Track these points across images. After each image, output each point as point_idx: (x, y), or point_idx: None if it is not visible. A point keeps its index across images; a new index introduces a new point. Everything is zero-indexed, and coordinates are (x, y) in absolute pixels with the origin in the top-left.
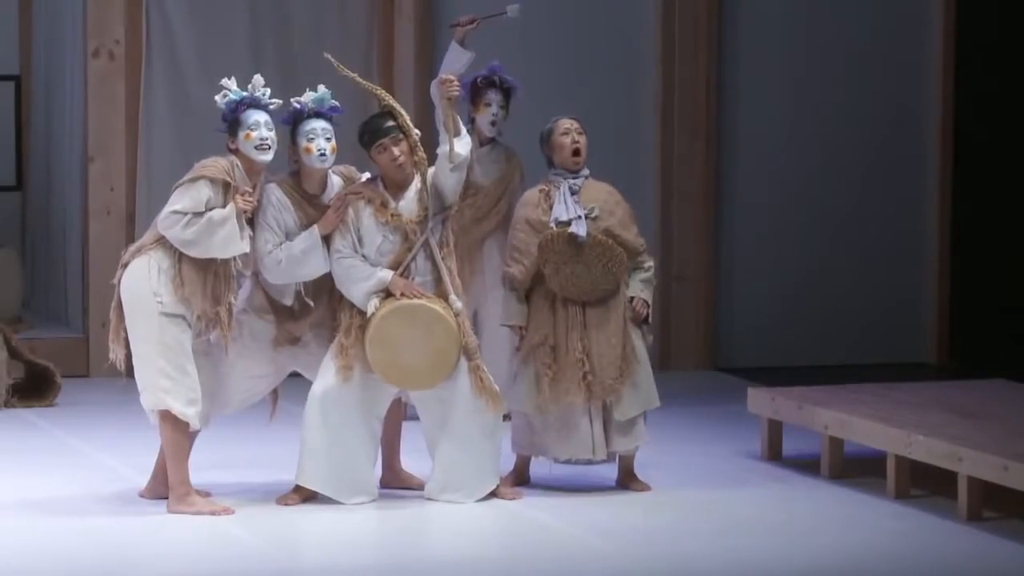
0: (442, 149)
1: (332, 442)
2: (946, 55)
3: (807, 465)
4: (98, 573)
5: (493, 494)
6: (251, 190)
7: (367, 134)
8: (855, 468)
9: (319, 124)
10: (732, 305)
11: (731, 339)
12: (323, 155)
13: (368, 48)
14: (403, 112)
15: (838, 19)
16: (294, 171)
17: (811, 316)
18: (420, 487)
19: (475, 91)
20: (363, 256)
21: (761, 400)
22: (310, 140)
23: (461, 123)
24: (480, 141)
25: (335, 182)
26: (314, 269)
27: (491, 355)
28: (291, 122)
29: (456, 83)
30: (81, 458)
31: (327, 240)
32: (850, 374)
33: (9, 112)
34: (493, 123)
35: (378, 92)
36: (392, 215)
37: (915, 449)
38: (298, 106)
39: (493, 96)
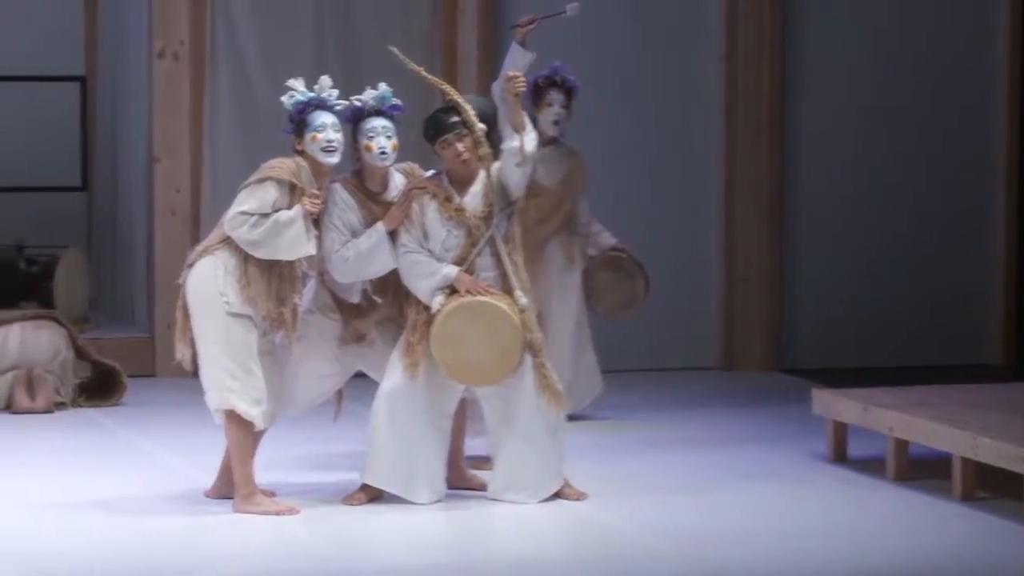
0: (508, 145)
1: (399, 440)
2: (1012, 53)
3: (872, 467)
4: (163, 573)
5: (557, 494)
6: (318, 192)
7: (431, 129)
8: (920, 470)
9: (380, 122)
10: (796, 306)
11: (795, 340)
12: (384, 153)
13: (431, 49)
14: (468, 107)
15: (903, 16)
16: (357, 169)
17: (876, 317)
18: (482, 487)
19: (537, 91)
20: (428, 251)
21: (826, 401)
22: (371, 138)
23: (527, 119)
24: (542, 141)
25: (397, 180)
26: (381, 266)
27: (556, 354)
28: (352, 121)
29: (522, 79)
30: (147, 458)
31: (393, 236)
32: (915, 375)
33: (75, 113)
34: (556, 123)
35: (443, 87)
36: (456, 210)
37: (981, 451)
38: (359, 105)
39: (555, 96)
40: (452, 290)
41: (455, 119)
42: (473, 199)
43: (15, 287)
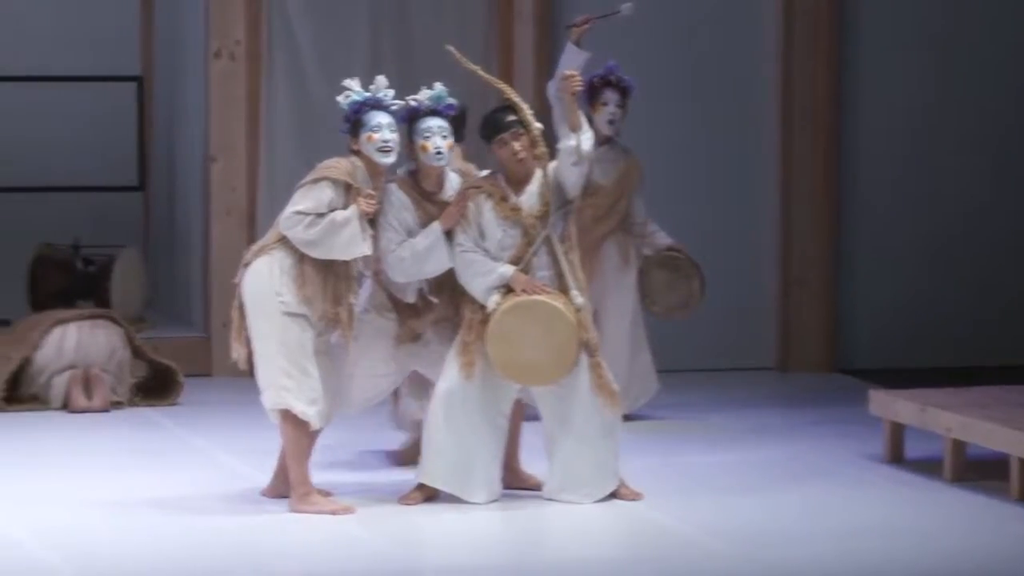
0: (564, 144)
1: (455, 440)
2: None
3: (929, 467)
4: (219, 572)
5: (613, 494)
6: (373, 192)
7: (488, 128)
8: (978, 471)
9: (435, 122)
10: (853, 307)
11: (852, 341)
12: (439, 153)
13: (487, 49)
14: (524, 106)
15: (961, 14)
16: (412, 170)
17: (934, 317)
18: (537, 487)
19: (592, 91)
20: (484, 250)
21: (883, 402)
22: (426, 138)
23: (584, 118)
24: (598, 141)
25: (453, 180)
26: (437, 265)
27: (611, 354)
28: (408, 120)
29: (579, 78)
30: (203, 457)
31: (449, 236)
32: (973, 376)
33: (132, 112)
34: (611, 122)
35: (500, 85)
36: (512, 209)
37: None
38: (415, 104)
39: (610, 95)
40: (508, 289)
41: (512, 118)
42: (529, 198)
43: (72, 287)
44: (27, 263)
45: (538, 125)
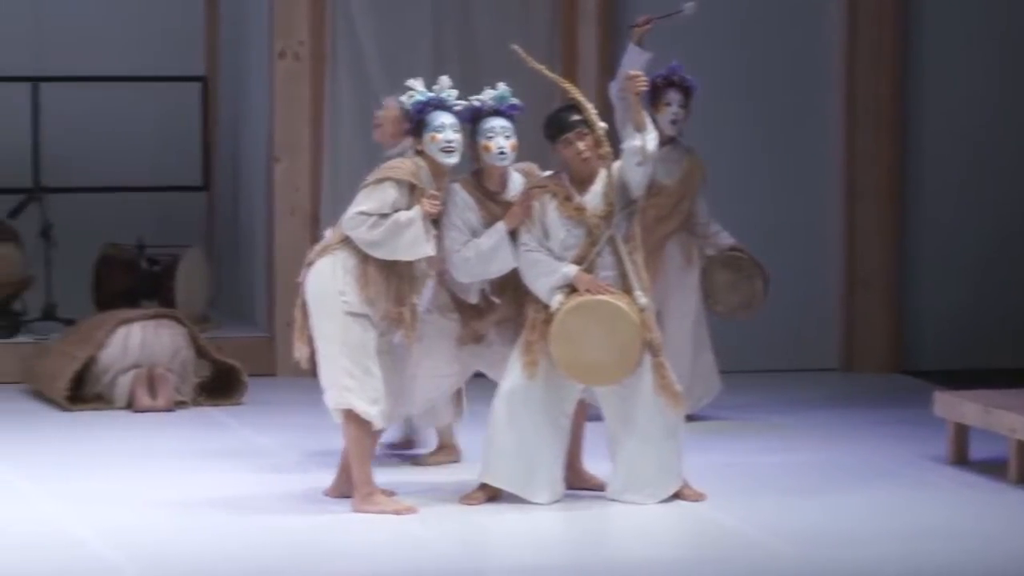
0: (629, 144)
1: (518, 439)
2: None
3: (994, 469)
4: (282, 572)
5: (676, 495)
6: (437, 192)
7: (552, 127)
8: None
9: (498, 122)
10: (917, 307)
11: (916, 342)
12: (502, 153)
13: (550, 49)
14: (589, 106)
15: None
16: (476, 170)
17: (998, 318)
18: (600, 488)
19: (655, 91)
20: (548, 250)
21: (947, 403)
22: (489, 138)
23: (648, 118)
24: (661, 141)
25: (516, 180)
26: (502, 265)
27: (674, 354)
28: (471, 120)
29: (643, 78)
30: (266, 457)
31: (513, 236)
32: None
33: (196, 113)
34: (674, 122)
35: (564, 85)
36: (576, 209)
37: None
38: (478, 105)
39: (673, 96)
40: (572, 289)
41: (576, 118)
42: (593, 198)
43: (137, 286)
44: (92, 263)
45: (602, 125)
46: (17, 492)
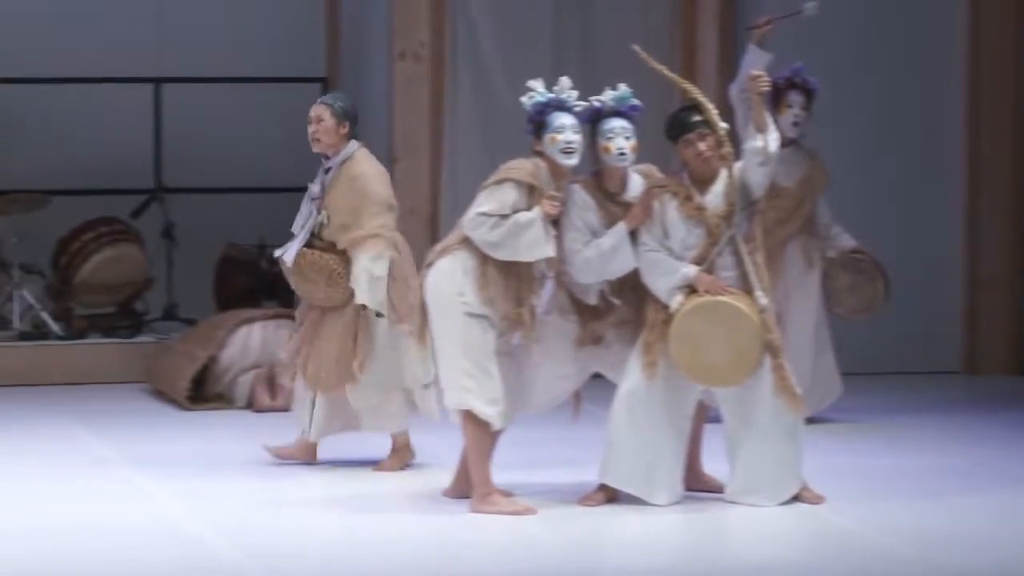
0: (751, 144)
1: (638, 440)
2: None
3: None
4: (401, 572)
5: (795, 497)
6: (557, 194)
7: (674, 128)
8: None
9: (619, 123)
10: None
11: None
12: (623, 154)
13: (671, 49)
14: (710, 106)
15: None
16: (596, 171)
17: None
18: (719, 490)
19: (776, 92)
20: (668, 250)
21: None
22: (609, 139)
23: (770, 119)
24: (782, 142)
25: (636, 181)
26: (622, 265)
27: (794, 356)
28: (591, 121)
29: (766, 78)
30: (385, 456)
31: (633, 236)
32: None
33: None
34: (795, 124)
35: (685, 85)
36: (697, 209)
37: None
38: (598, 105)
39: (795, 97)
40: (692, 289)
41: (697, 118)
42: (714, 198)
43: (257, 286)
44: (213, 263)
45: (723, 125)
46: (138, 491)
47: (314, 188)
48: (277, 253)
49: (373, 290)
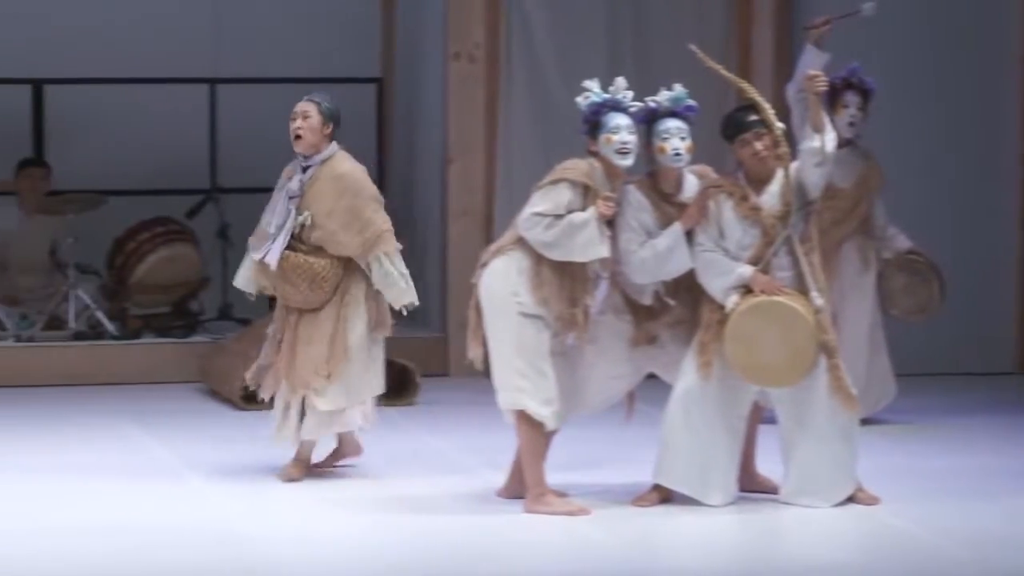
0: (808, 144)
1: (693, 440)
2: None
3: None
4: (455, 571)
5: (850, 498)
6: (612, 194)
7: (730, 127)
8: None
9: (674, 124)
10: None
11: None
12: (678, 155)
13: (726, 49)
14: (767, 106)
15: None
16: (651, 171)
17: None
18: (773, 491)
19: (833, 92)
20: (724, 250)
21: None
22: (664, 140)
23: (828, 119)
24: (838, 143)
25: (691, 181)
26: (678, 265)
27: (849, 357)
28: (646, 122)
29: (823, 78)
30: (440, 457)
31: (689, 236)
32: None
33: (371, 114)
34: (851, 124)
35: (742, 85)
36: (752, 209)
37: None
38: (653, 106)
39: (851, 98)
40: (747, 290)
41: (754, 117)
42: (770, 198)
43: None
44: None
45: (780, 125)
46: (192, 491)
47: (292, 187)
48: (256, 255)
49: (410, 286)
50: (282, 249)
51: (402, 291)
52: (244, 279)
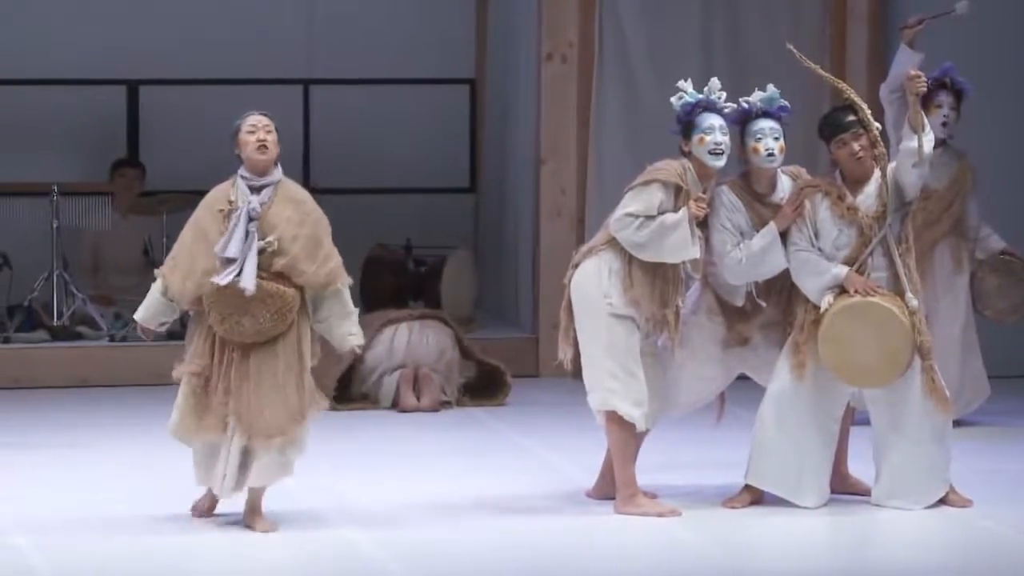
0: (905, 145)
1: (786, 441)
2: None
3: None
4: (545, 571)
5: (942, 501)
6: (704, 195)
7: (827, 128)
8: None
9: (767, 124)
10: None
11: None
12: (771, 155)
13: (820, 49)
14: (864, 106)
15: None
16: (744, 172)
17: None
18: (866, 493)
19: (926, 93)
20: (819, 250)
21: None
22: (758, 140)
23: (927, 120)
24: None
25: (784, 182)
26: (773, 266)
27: (942, 358)
28: (739, 122)
29: (923, 79)
30: (530, 457)
31: (783, 237)
32: None
33: (464, 115)
34: (944, 125)
35: (840, 85)
36: (849, 209)
37: None
38: (746, 106)
39: (944, 98)
40: (842, 290)
41: (851, 118)
42: (867, 199)
43: (404, 287)
44: (360, 263)
45: (877, 125)
46: (283, 491)
47: (253, 207)
48: (222, 280)
49: (360, 324)
50: (255, 273)
51: (354, 325)
52: (153, 311)
